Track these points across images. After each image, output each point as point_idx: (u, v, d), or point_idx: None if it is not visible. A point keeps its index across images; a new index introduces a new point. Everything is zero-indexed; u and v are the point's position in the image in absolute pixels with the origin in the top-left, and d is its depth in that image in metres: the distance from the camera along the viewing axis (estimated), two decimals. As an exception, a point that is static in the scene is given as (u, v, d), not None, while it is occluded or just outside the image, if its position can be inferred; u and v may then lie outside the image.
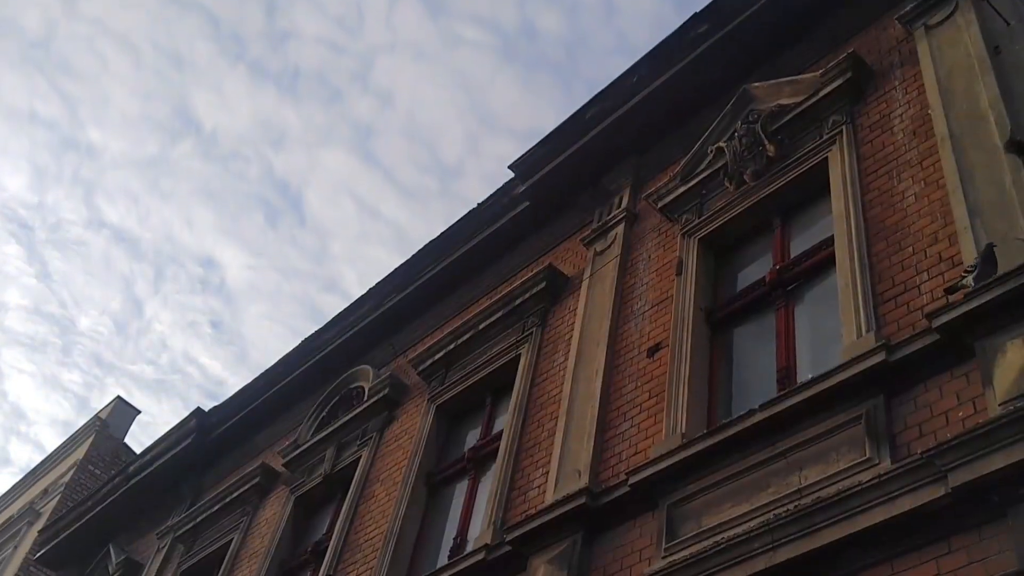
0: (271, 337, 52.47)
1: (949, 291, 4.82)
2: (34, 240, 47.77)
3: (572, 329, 7.96)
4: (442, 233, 10.21)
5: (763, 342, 6.49)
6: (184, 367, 53.11)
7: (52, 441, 52.94)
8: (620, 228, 8.19)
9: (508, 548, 6.67)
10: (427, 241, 10.36)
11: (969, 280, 4.68)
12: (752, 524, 5.07)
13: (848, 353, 5.28)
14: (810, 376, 5.47)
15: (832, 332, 5.85)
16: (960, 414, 4.64)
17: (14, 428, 47.98)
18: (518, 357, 8.43)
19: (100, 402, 49.14)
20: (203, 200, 49.42)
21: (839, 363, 5.26)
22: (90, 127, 47.65)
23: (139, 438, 47.96)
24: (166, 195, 48.82)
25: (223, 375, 54.06)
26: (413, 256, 10.44)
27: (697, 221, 7.37)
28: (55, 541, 14.71)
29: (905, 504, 4.42)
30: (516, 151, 9.26)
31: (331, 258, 53.68)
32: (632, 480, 6.05)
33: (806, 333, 6.23)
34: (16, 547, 18.70)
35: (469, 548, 7.30)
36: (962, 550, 4.24)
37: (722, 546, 5.06)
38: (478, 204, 9.87)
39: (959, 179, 5.39)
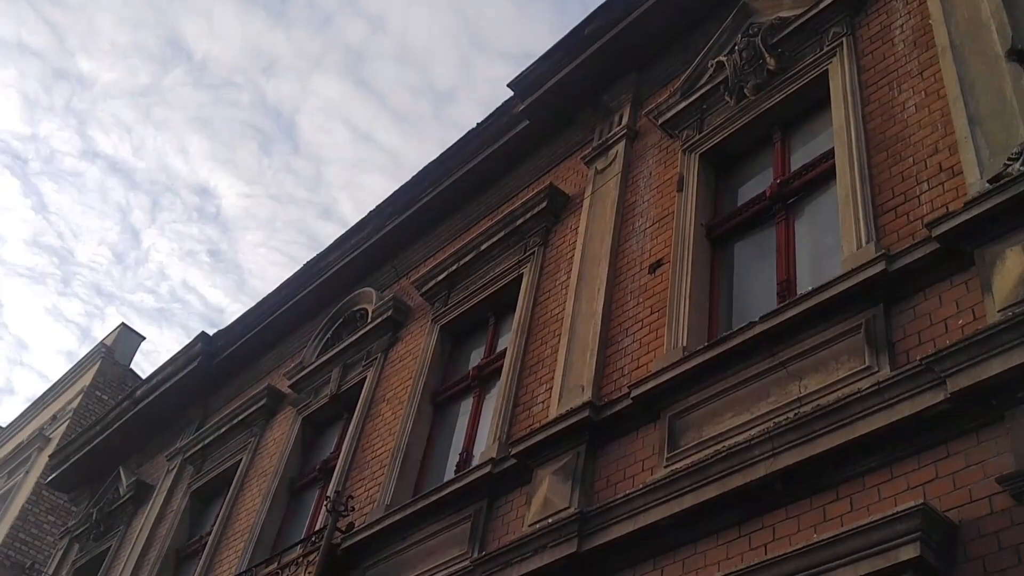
0: (269, 265, 52.55)
1: (992, 180, 4.74)
2: (28, 172, 47.51)
3: (574, 248, 8.00)
4: (442, 154, 10.18)
5: (763, 256, 6.53)
6: (184, 296, 53.30)
7: (56, 371, 53.40)
8: (621, 145, 8.18)
9: (513, 461, 6.81)
10: (427, 163, 10.34)
11: (1016, 167, 4.63)
12: (752, 432, 5.18)
13: (848, 264, 5.34)
14: (810, 288, 5.53)
15: (832, 245, 5.90)
16: (959, 322, 4.71)
17: (17, 359, 48.34)
18: (520, 277, 8.49)
19: (102, 332, 49.52)
20: (196, 129, 49.01)
21: (839, 274, 5.31)
22: (80, 57, 47.01)
23: (144, 366, 48.38)
24: (159, 124, 48.41)
25: (223, 303, 54.26)
26: (414, 178, 10.42)
27: (698, 137, 7.35)
28: (65, 465, 14.99)
29: (904, 410, 4.51)
30: (509, 74, 9.20)
31: (326, 185, 53.45)
32: (634, 393, 6.16)
33: (806, 246, 6.27)
34: (27, 472, 19.05)
35: (475, 462, 7.46)
36: (960, 454, 4.35)
37: (723, 454, 5.17)
38: (477, 124, 9.82)
39: (960, 89, 5.37)
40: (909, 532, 4.06)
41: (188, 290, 52.98)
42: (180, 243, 51.46)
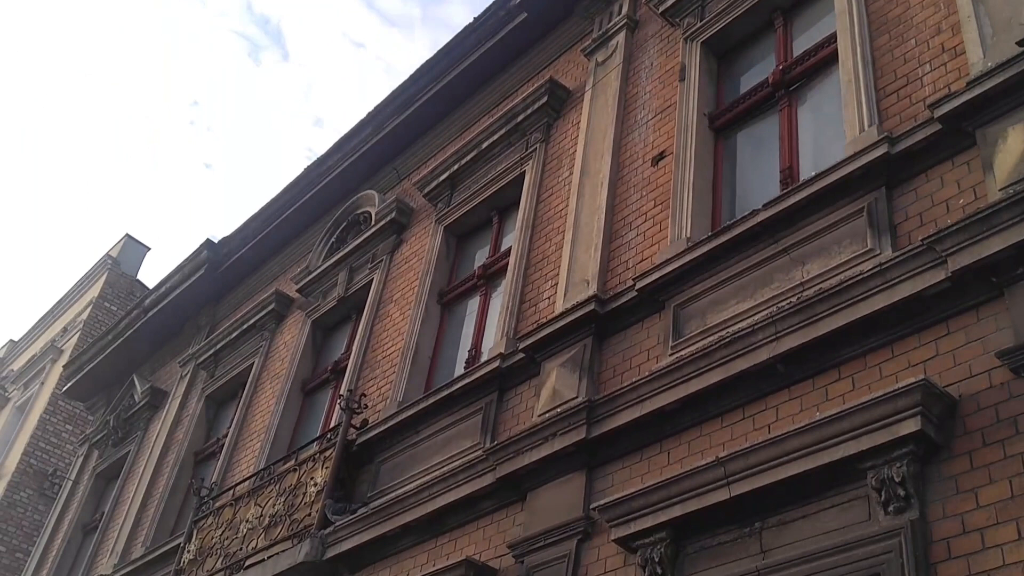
0: (265, 174, 52.23)
1: (1022, 43, 4.67)
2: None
3: (576, 143, 7.97)
4: (439, 51, 10.03)
5: (766, 145, 6.52)
6: (184, 207, 53.18)
7: (63, 285, 53.72)
8: (621, 36, 8.06)
9: (521, 356, 6.94)
10: (424, 61, 10.20)
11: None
12: (756, 318, 5.27)
13: (850, 148, 5.34)
14: (812, 174, 5.54)
15: (835, 131, 5.88)
16: (960, 201, 4.74)
17: (23, 272, 48.55)
18: (523, 174, 8.48)
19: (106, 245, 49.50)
20: (184, 40, 48.07)
21: (841, 159, 5.32)
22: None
23: (150, 276, 48.58)
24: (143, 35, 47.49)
25: (223, 214, 54.16)
26: (411, 77, 10.29)
27: (699, 24, 7.25)
28: (79, 375, 15.23)
29: (905, 290, 4.57)
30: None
31: (317, 93, 52.67)
32: (639, 285, 6.23)
33: (809, 133, 6.26)
34: (43, 383, 19.38)
35: (484, 358, 7.59)
36: (960, 331, 4.44)
37: (727, 340, 5.27)
38: (475, 19, 9.65)
39: (964, -33, 5.28)
40: (910, 407, 4.17)
41: (188, 201, 52.86)
42: (176, 155, 51.11)
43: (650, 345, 6.11)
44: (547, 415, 6.21)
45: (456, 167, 9.20)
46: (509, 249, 8.23)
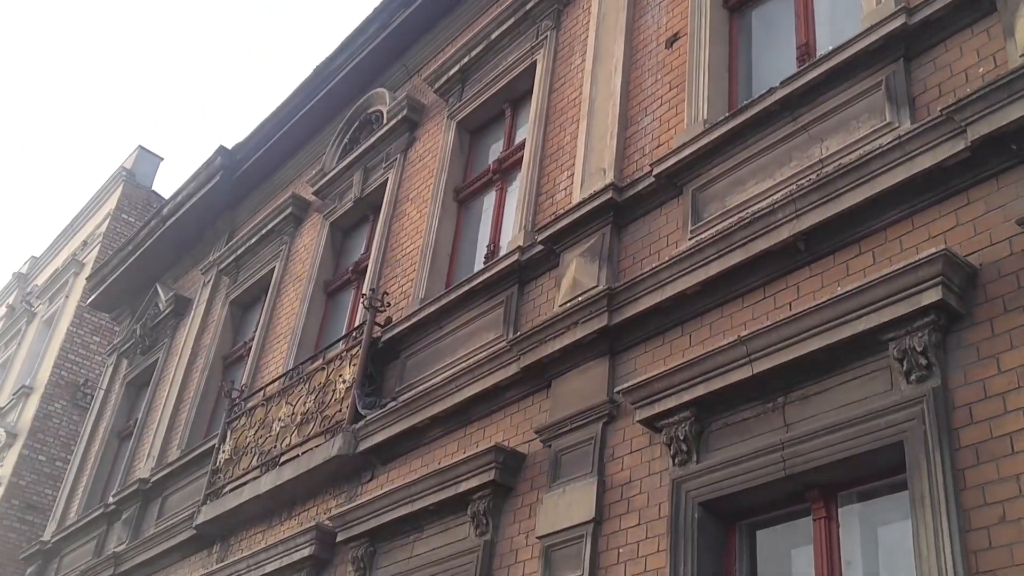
0: (275, 78, 51.58)
1: None
2: None
3: (587, 29, 7.83)
4: (444, -60, 9.78)
5: (782, 21, 6.40)
6: (195, 115, 52.78)
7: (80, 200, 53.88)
8: (629, -84, 7.82)
9: (540, 248, 6.97)
10: (429, -48, 9.95)
11: None
12: (775, 197, 5.26)
13: (867, 20, 5.23)
14: (830, 48, 5.44)
15: (851, 3, 5.76)
16: (980, 71, 4.67)
17: (40, 188, 48.66)
18: (534, 64, 8.36)
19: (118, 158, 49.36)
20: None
21: (858, 32, 5.22)
22: None
23: (165, 187, 48.60)
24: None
25: (234, 122, 53.75)
26: (416, -31, 10.06)
27: (711, -100, 7.02)
28: (103, 287, 15.42)
29: (925, 162, 4.55)
30: None
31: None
32: (656, 171, 6.21)
33: (825, 7, 6.13)
34: (67, 297, 19.64)
35: (503, 252, 7.63)
36: (980, 200, 4.42)
37: (747, 220, 5.27)
38: (477, -95, 9.38)
39: None
40: (931, 277, 4.19)
41: (198, 109, 52.43)
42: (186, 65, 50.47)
43: (669, 230, 6.13)
44: (568, 305, 6.27)
45: (466, 60, 9.08)
46: (523, 142, 8.18)
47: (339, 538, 7.32)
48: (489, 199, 8.71)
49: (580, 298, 6.21)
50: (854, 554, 4.48)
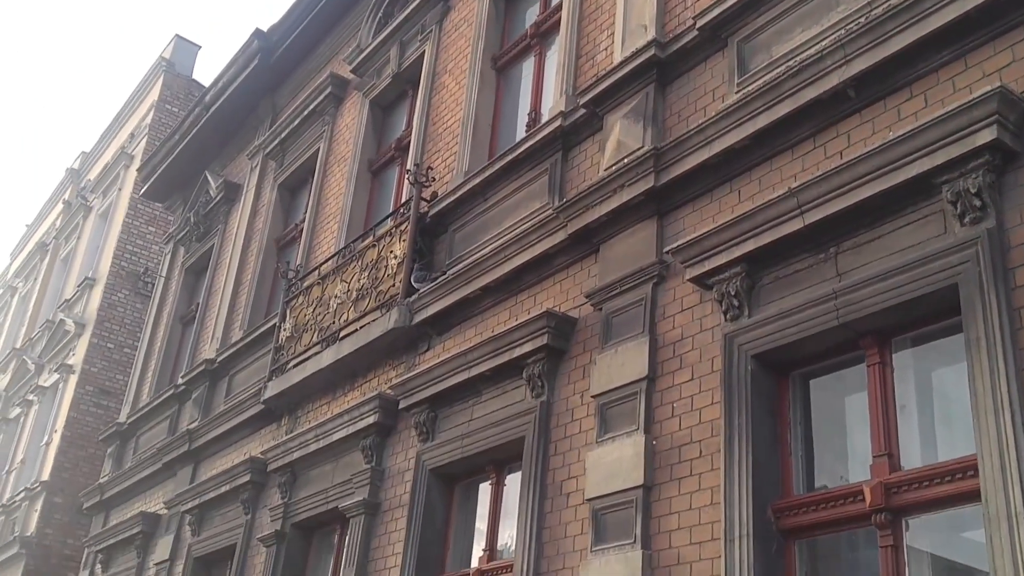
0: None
1: None
2: None
3: None
4: None
5: None
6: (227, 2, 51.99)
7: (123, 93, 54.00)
8: None
9: (583, 112, 6.88)
10: None
11: None
12: (823, 44, 5.09)
13: None
14: None
15: None
16: None
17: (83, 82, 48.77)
18: (569, -80, 8.05)
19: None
20: None
21: None
22: None
23: (204, 75, 48.50)
24: None
25: (267, 3, 52.89)
26: None
27: None
28: (153, 178, 15.63)
29: (979, -4, 4.35)
30: None
31: None
32: (699, 23, 6.03)
33: None
34: (120, 189, 19.95)
35: (544, 119, 7.55)
36: (1038, 35, 4.25)
37: (794, 69, 5.13)
38: None
39: None
40: (985, 116, 4.08)
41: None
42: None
43: (715, 85, 6.00)
44: (614, 168, 6.22)
45: (498, -78, 8.78)
46: (560, 3, 7.97)
47: (401, 405, 7.55)
48: (528, 65, 8.56)
49: (625, 160, 6.15)
50: (908, 398, 4.53)
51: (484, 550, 6.64)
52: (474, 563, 6.72)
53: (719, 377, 5.09)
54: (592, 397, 5.87)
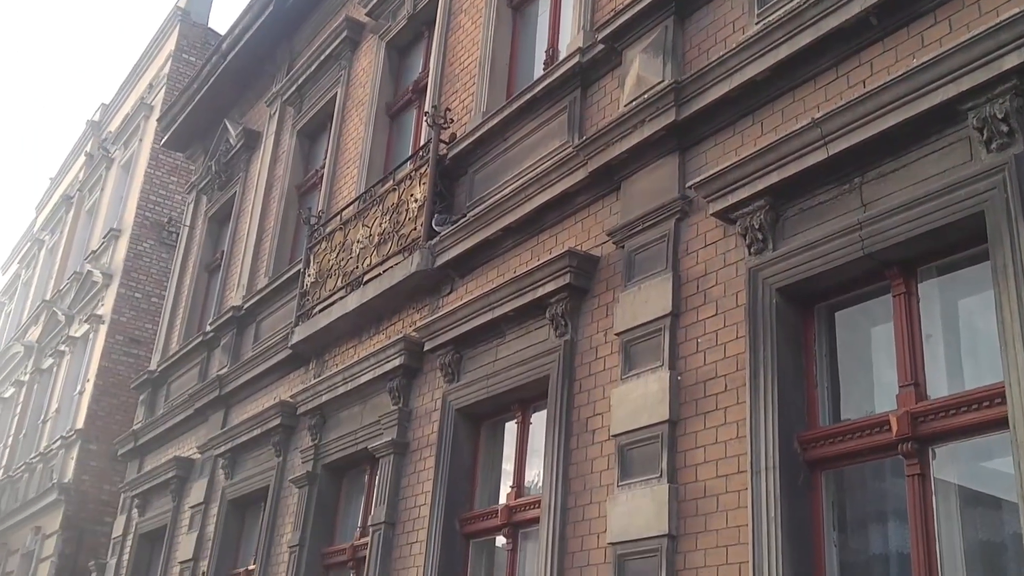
0: None
1: None
2: None
3: None
4: None
5: None
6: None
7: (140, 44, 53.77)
8: None
9: (601, 47, 6.79)
10: None
11: None
12: (846, -31, 4.97)
13: None
14: None
15: None
16: None
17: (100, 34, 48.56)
18: None
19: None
20: None
21: None
22: None
23: (220, 23, 48.20)
24: None
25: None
26: None
27: None
28: (174, 127, 15.64)
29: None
30: None
31: None
32: (719, -47, 5.91)
33: None
34: (141, 140, 19.98)
35: (562, 56, 7.46)
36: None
37: (817, -3, 5.03)
38: None
39: None
40: (1012, 40, 3.96)
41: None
42: None
43: (735, 16, 5.89)
44: (634, 103, 6.16)
45: None
46: (577, -63, 7.82)
47: (426, 347, 7.61)
48: (544, 2, 8.45)
49: (646, 95, 6.08)
50: (935, 328, 4.50)
51: (512, 487, 6.73)
52: (502, 500, 6.82)
53: (744, 311, 5.08)
54: (616, 335, 5.88)
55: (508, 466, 6.97)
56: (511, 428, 7.03)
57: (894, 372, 4.52)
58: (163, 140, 16.37)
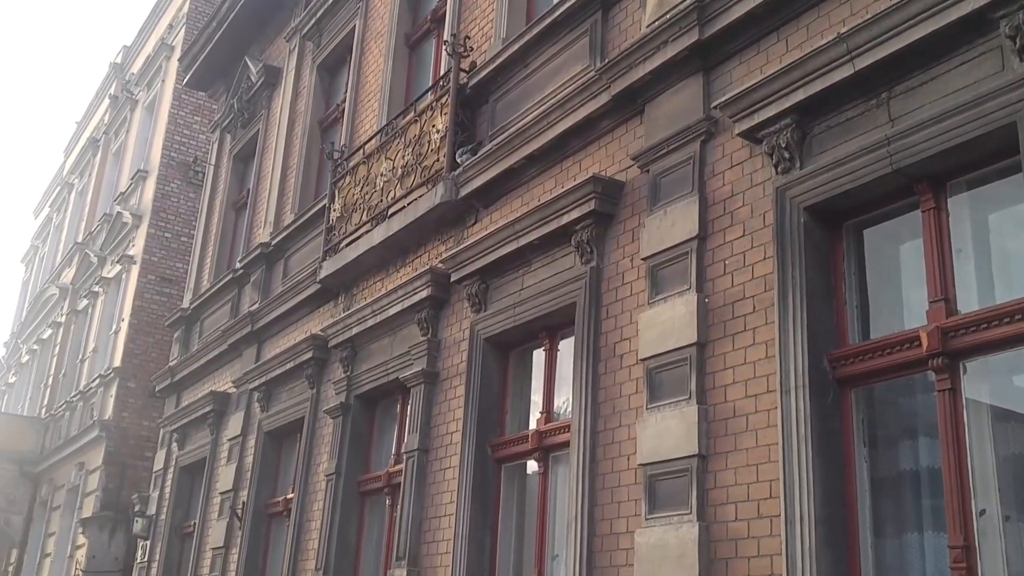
0: None
1: None
2: None
3: None
4: None
5: None
6: None
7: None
8: None
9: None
10: None
11: None
12: None
13: None
14: None
15: None
16: None
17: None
18: None
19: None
20: None
21: None
22: None
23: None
24: None
25: None
26: None
27: None
28: (195, 66, 15.58)
29: None
30: None
31: None
32: None
33: None
34: (163, 80, 19.96)
35: (584, -23, 7.31)
36: None
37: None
38: None
39: None
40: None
41: None
42: None
43: None
44: (656, 24, 6.04)
45: None
46: None
47: (453, 278, 7.64)
48: (563, -77, 8.24)
49: (668, 15, 5.96)
50: (964, 242, 4.45)
51: (541, 412, 6.80)
52: (532, 425, 6.90)
53: (771, 232, 5.04)
54: (642, 260, 5.87)
55: (537, 393, 7.04)
56: (539, 356, 7.08)
57: (923, 289, 4.48)
58: (185, 80, 16.32)
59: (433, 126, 8.35)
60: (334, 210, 9.93)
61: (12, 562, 21.01)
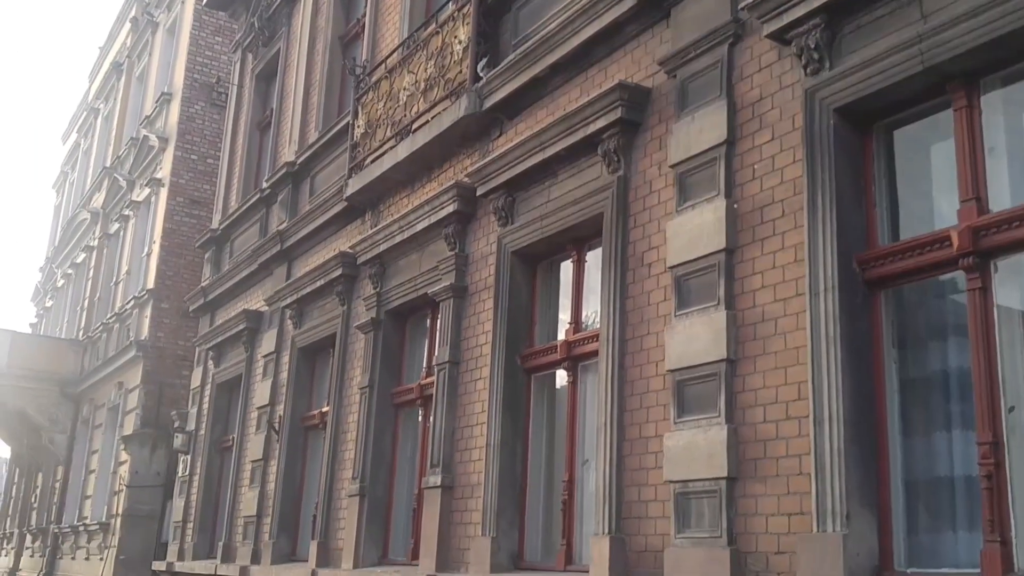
0: None
1: None
2: None
3: None
4: None
5: None
6: None
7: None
8: None
9: None
10: None
11: None
12: None
13: None
14: None
15: None
16: None
17: None
18: None
19: None
20: None
21: None
22: None
23: None
24: None
25: None
26: None
27: None
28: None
29: None
30: None
31: None
32: None
33: None
34: (183, 2, 19.73)
35: None
36: None
37: None
38: None
39: None
40: None
41: None
42: None
43: None
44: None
45: None
46: None
47: (479, 192, 7.63)
48: None
49: (694, -87, 5.80)
50: (997, 140, 4.38)
51: (570, 323, 6.86)
52: (561, 336, 6.96)
53: (800, 134, 4.98)
54: (670, 167, 5.82)
55: (565, 304, 7.08)
56: (567, 267, 7.10)
57: (954, 190, 4.43)
58: (205, 0, 16.15)
59: (455, 37, 8.25)
60: (358, 127, 9.89)
61: (59, 478, 21.69)
